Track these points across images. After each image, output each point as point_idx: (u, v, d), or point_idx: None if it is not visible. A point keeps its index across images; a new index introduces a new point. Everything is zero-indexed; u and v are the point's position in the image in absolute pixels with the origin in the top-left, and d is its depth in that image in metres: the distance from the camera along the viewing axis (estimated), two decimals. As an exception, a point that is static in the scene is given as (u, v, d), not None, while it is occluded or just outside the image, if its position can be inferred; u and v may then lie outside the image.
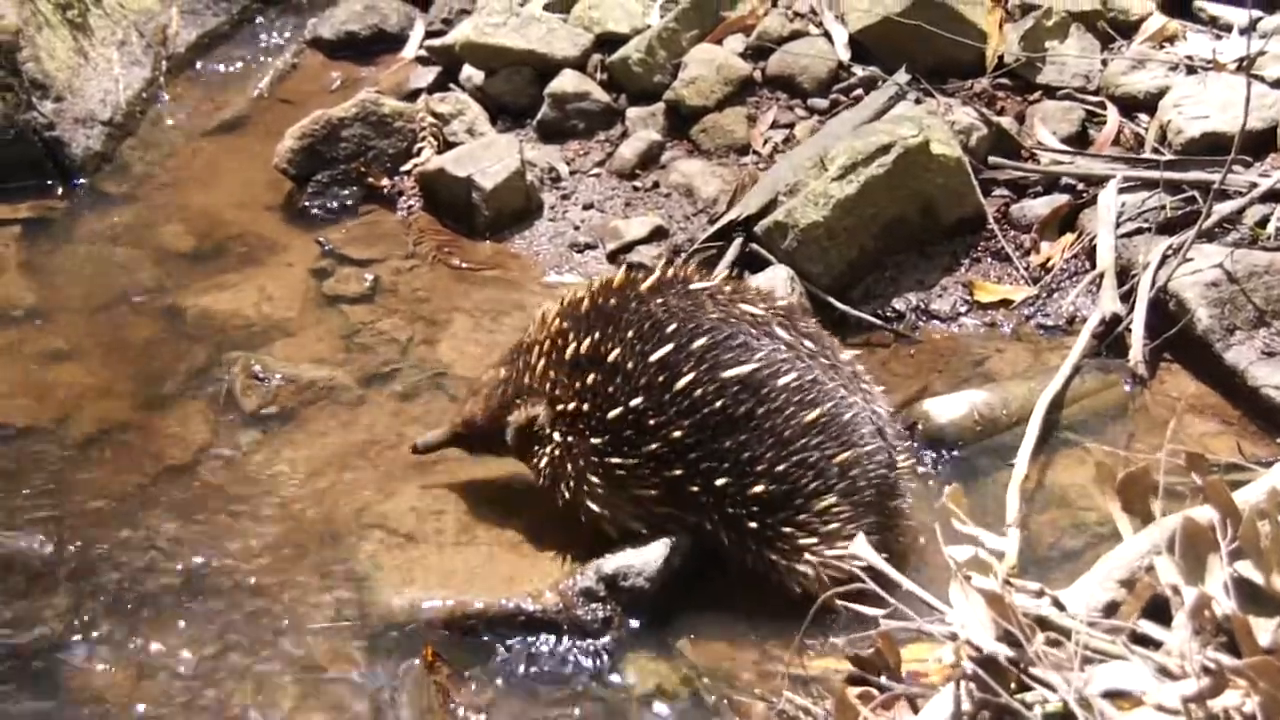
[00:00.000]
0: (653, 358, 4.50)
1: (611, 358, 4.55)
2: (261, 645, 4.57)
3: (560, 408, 4.65)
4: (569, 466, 4.64)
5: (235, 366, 5.66)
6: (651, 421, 4.50)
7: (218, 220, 6.81)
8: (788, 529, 4.47)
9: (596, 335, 4.60)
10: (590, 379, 4.58)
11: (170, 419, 5.53)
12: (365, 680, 4.42)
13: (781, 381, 4.49)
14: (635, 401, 4.50)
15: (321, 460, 5.29)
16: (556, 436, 4.66)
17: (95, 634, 4.63)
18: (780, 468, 4.45)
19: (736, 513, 4.49)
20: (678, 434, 4.47)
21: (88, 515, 5.06)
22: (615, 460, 4.56)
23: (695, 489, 4.51)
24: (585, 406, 4.59)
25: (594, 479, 4.59)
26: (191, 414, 5.55)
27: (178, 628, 4.63)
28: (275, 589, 4.75)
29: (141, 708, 4.39)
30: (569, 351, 4.63)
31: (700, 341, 4.51)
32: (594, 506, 4.63)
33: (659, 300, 4.62)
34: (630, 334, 4.56)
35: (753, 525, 4.49)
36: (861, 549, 3.89)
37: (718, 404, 4.46)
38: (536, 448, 4.74)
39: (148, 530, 4.99)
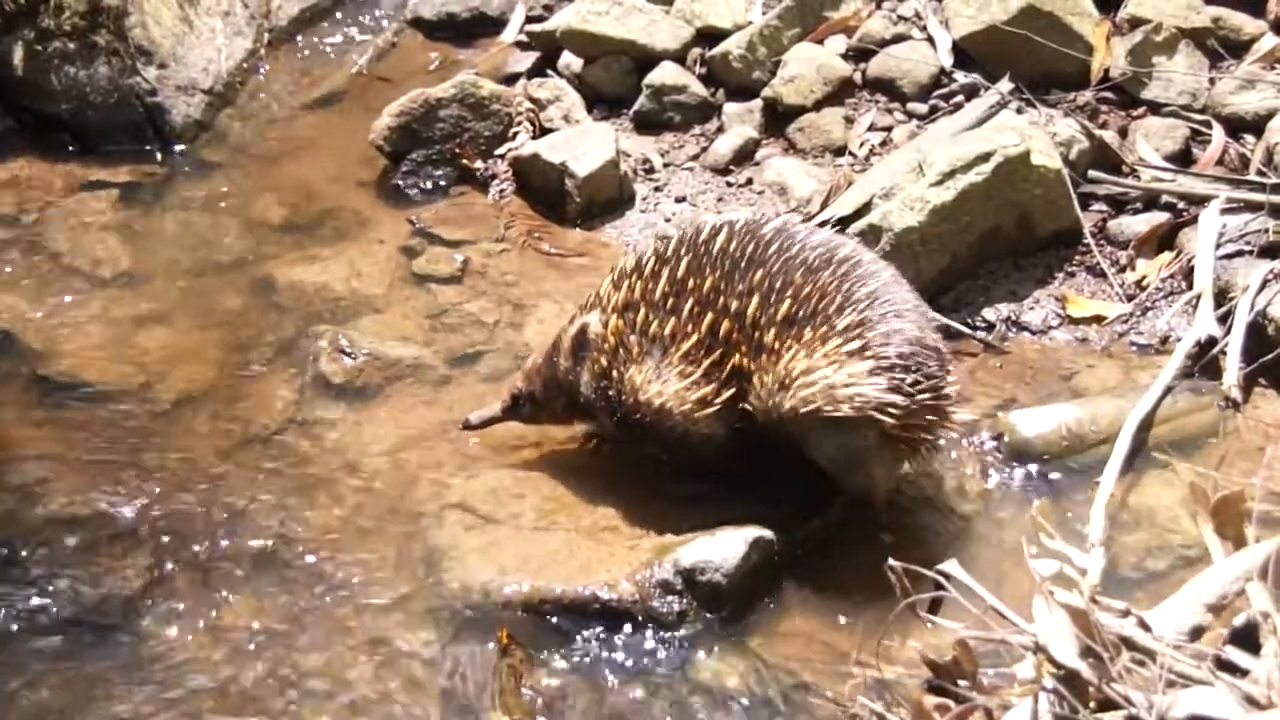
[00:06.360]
0: (701, 237, 4.84)
1: (661, 254, 4.89)
2: (335, 618, 4.59)
3: (610, 304, 4.89)
4: (618, 355, 4.84)
5: (323, 340, 5.68)
6: (691, 282, 4.75)
7: (311, 193, 6.86)
8: (814, 346, 4.58)
9: (646, 253, 4.94)
10: (635, 276, 4.88)
11: (256, 388, 5.57)
12: (438, 659, 4.43)
13: (814, 236, 4.85)
14: (679, 270, 4.78)
15: (403, 437, 5.31)
16: (606, 330, 4.86)
17: (171, 596, 4.68)
18: (806, 289, 4.63)
19: (764, 341, 4.64)
20: (710, 280, 4.71)
21: (170, 479, 5.11)
22: (656, 327, 4.76)
23: (728, 325, 4.68)
24: (634, 294, 4.84)
25: (638, 362, 4.80)
26: (277, 384, 5.59)
27: (252, 596, 4.66)
28: (351, 563, 4.77)
29: (211, 672, 4.41)
30: (619, 270, 4.97)
31: (742, 220, 4.91)
32: (640, 396, 4.81)
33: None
34: (678, 238, 4.94)
35: (778, 349, 4.62)
36: (951, 568, 3.85)
37: (750, 248, 4.75)
38: (589, 361, 4.93)
39: (228, 497, 5.02)
